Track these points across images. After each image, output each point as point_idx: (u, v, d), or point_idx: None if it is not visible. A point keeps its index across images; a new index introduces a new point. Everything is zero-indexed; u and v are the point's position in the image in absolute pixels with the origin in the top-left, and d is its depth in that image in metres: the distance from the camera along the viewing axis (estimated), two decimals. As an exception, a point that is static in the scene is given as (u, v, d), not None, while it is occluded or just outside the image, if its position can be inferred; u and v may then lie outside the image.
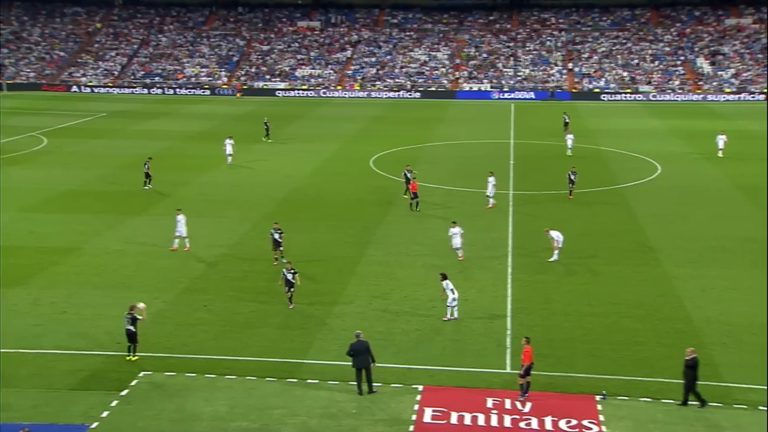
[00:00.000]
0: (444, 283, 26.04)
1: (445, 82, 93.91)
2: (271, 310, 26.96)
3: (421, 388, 21.49)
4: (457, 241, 32.25)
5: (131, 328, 23.10)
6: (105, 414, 20.12)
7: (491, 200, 40.52)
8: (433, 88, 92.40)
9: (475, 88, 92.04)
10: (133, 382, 21.75)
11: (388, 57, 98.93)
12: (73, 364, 22.95)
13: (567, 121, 65.73)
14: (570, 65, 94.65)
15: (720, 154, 52.75)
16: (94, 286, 29.22)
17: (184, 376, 22.15)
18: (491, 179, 40.38)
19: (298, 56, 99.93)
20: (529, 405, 20.53)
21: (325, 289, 28.83)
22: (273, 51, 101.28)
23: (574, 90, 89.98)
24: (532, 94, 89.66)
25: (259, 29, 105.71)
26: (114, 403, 20.64)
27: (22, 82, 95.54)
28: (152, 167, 44.49)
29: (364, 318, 26.17)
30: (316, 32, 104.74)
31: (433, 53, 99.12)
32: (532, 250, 33.28)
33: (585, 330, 25.47)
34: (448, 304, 26.10)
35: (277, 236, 31.35)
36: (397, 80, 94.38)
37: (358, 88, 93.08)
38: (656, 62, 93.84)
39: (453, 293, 25.86)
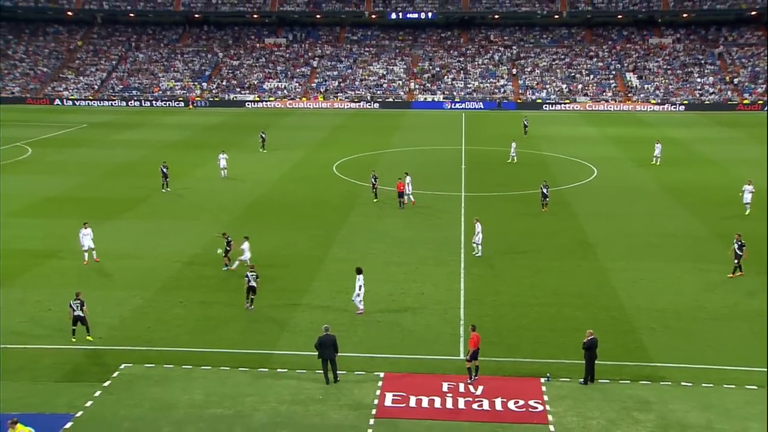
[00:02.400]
0: (357, 277, 25.83)
1: (402, 93, 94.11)
2: (242, 306, 26.73)
3: (382, 374, 21.52)
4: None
5: (80, 313, 23.55)
6: (89, 404, 19.81)
7: (411, 198, 41.08)
8: (391, 99, 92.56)
9: (429, 99, 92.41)
10: (115, 374, 21.43)
11: (349, 71, 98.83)
12: (57, 358, 22.56)
13: (526, 125, 66.72)
14: (514, 77, 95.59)
15: (654, 161, 52.67)
16: (75, 286, 28.42)
17: (163, 367, 21.89)
18: (408, 179, 41.01)
19: (266, 70, 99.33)
20: (480, 388, 20.69)
21: (293, 285, 28.70)
22: (242, 65, 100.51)
23: (518, 101, 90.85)
24: (481, 104, 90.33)
25: (230, 45, 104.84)
26: (97, 393, 20.33)
27: (7, 96, 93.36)
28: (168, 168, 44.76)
29: (329, 311, 26.11)
30: (282, 48, 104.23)
31: (390, 67, 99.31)
32: (483, 247, 33.49)
33: (530, 319, 25.75)
34: (353, 299, 25.90)
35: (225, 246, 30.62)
36: (358, 92, 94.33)
37: (322, 99, 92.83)
38: (591, 76, 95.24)
39: (360, 288, 25.66)
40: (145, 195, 43.65)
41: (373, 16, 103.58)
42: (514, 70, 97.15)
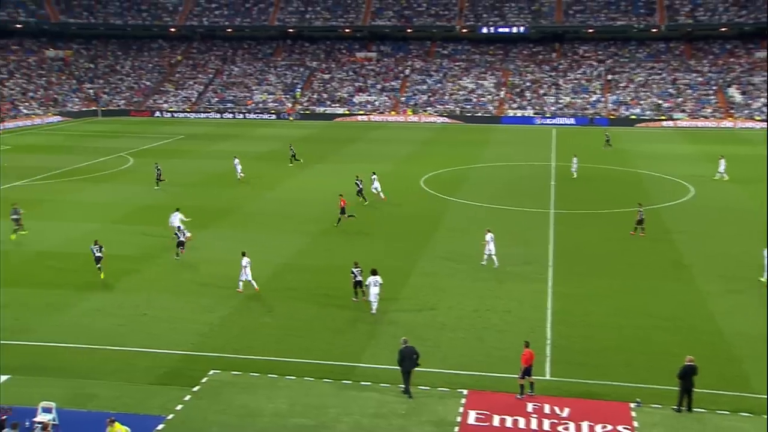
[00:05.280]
0: (373, 278, 26.78)
1: (491, 108, 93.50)
2: (328, 317, 27.08)
3: (465, 392, 21.30)
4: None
5: (100, 255, 30.91)
6: (179, 407, 20.44)
7: (381, 195, 44.90)
8: (480, 114, 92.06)
9: (519, 114, 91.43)
10: (204, 380, 22.04)
11: (439, 85, 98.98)
12: (152, 361, 23.41)
13: (608, 138, 65.70)
14: (608, 92, 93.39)
15: (719, 177, 51.22)
16: (169, 292, 29.76)
17: (249, 375, 22.36)
18: (374, 176, 45.45)
19: (356, 84, 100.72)
20: (567, 410, 20.18)
21: (380, 299, 28.75)
22: (333, 79, 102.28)
23: (611, 116, 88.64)
24: (572, 120, 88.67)
25: (321, 59, 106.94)
26: (187, 398, 20.95)
27: (114, 108, 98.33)
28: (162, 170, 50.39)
29: (414, 326, 26.07)
30: (372, 62, 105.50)
31: (480, 81, 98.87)
32: (572, 265, 32.84)
33: (620, 341, 24.96)
34: (371, 300, 26.90)
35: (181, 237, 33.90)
36: (447, 106, 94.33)
37: (411, 113, 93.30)
38: (690, 91, 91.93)
39: (376, 289, 26.86)
40: (237, 204, 44.93)
41: (464, 30, 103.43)
42: (608, 86, 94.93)
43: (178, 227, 35.01)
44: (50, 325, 26.21)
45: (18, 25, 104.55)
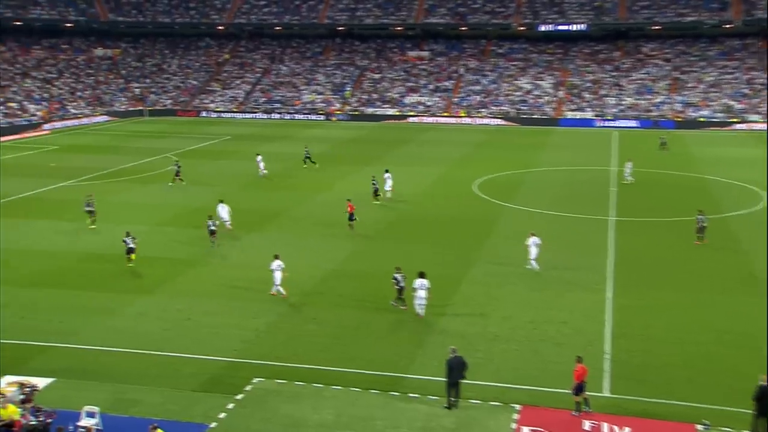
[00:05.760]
0: (420, 282, 27.12)
1: (548, 109, 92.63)
2: (375, 324, 27.19)
3: (518, 407, 21.13)
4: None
5: (132, 245, 33.59)
6: (222, 415, 20.74)
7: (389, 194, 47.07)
8: (537, 116, 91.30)
9: (578, 116, 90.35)
10: (248, 388, 22.32)
11: (494, 85, 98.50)
12: (195, 367, 23.81)
13: (664, 141, 65.01)
14: (674, 93, 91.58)
15: None
16: (213, 297, 30.25)
17: (294, 384, 22.56)
18: (387, 175, 47.76)
19: (408, 84, 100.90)
20: (627, 429, 19.84)
21: (429, 307, 28.70)
22: (384, 79, 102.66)
23: (677, 119, 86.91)
24: (635, 123, 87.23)
25: (372, 59, 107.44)
26: (230, 406, 21.24)
27: (160, 108, 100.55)
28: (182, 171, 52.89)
29: (465, 336, 25.98)
30: (425, 61, 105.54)
31: (537, 82, 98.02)
32: (632, 276, 32.32)
33: (685, 357, 24.43)
34: (417, 304, 27.27)
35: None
36: (502, 108, 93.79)
37: (464, 114, 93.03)
38: (765, 92, 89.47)
39: (423, 293, 27.18)
40: (285, 207, 45.45)
41: (521, 28, 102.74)
42: (675, 86, 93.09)
43: (224, 219, 38.62)
44: (95, 328, 26.92)
45: (68, 24, 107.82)
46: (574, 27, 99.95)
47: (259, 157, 56.52)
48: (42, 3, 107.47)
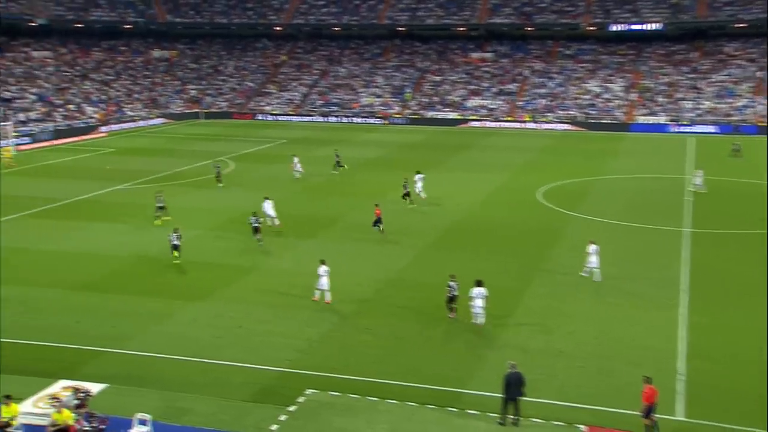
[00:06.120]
0: (477, 290, 27.01)
1: (619, 114, 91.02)
2: (433, 337, 27.04)
3: (584, 428, 20.70)
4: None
5: (177, 243, 34.88)
6: (274, 427, 20.83)
7: (422, 194, 47.92)
8: (606, 120, 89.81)
9: (651, 121, 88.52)
10: (301, 399, 22.39)
11: (561, 88, 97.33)
12: (246, 377, 24.02)
13: (737, 147, 63.84)
14: (759, 97, 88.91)
15: None
16: (265, 304, 30.51)
17: (348, 396, 22.56)
18: (417, 177, 48.33)
19: (470, 87, 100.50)
20: (700, 456, 19.26)
21: (488, 320, 28.49)
22: (445, 81, 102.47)
23: (761, 124, 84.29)
24: (713, 128, 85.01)
25: (433, 60, 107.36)
26: (282, 418, 21.32)
27: (216, 111, 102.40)
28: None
29: (527, 351, 25.62)
30: (488, 63, 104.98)
31: (607, 85, 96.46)
32: (709, 291, 31.41)
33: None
34: (475, 312, 27.36)
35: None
36: (569, 112, 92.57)
37: (529, 119, 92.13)
38: None
39: (481, 301, 27.13)
40: (342, 213, 45.66)
41: (591, 28, 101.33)
42: (759, 88, 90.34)
43: (270, 215, 40.92)
44: (147, 334, 27.45)
45: (127, 26, 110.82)
46: (649, 26, 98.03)
47: (296, 159, 58.22)
48: (102, 5, 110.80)
